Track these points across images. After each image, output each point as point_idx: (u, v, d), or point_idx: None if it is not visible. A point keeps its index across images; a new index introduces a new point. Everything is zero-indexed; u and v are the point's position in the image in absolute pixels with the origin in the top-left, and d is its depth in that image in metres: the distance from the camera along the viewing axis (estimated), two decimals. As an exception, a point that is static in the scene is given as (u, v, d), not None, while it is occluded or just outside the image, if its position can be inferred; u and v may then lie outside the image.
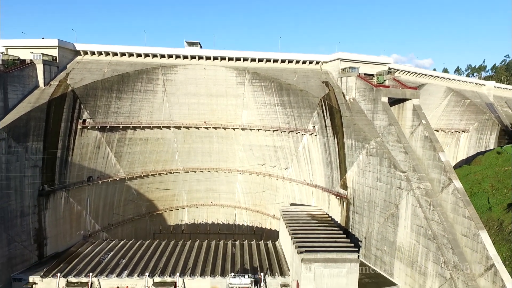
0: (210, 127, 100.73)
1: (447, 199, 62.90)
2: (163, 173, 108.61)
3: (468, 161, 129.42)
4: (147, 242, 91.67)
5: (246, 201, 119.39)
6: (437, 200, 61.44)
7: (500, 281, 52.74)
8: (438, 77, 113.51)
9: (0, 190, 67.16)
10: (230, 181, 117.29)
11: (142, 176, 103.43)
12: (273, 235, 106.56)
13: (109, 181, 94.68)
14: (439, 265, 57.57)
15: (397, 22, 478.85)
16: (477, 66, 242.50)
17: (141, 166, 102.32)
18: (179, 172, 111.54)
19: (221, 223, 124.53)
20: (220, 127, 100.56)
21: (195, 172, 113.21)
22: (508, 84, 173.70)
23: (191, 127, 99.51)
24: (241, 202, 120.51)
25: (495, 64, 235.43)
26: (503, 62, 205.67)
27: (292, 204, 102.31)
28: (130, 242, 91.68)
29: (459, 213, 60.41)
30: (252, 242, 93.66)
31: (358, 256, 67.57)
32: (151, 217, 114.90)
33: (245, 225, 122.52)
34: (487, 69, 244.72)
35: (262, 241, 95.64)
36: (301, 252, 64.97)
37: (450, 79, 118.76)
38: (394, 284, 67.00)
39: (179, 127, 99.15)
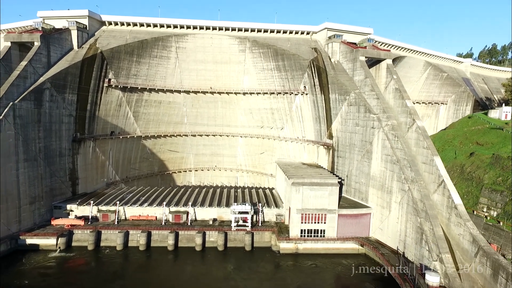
0: (215, 93, 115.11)
1: (412, 136, 77.43)
2: (174, 135, 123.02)
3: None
4: (161, 188, 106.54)
5: (247, 163, 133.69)
6: (401, 133, 75.99)
7: (447, 192, 67.54)
8: (417, 51, 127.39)
9: (45, 130, 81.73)
10: (232, 145, 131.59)
11: (155, 136, 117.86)
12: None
13: (128, 137, 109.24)
14: (400, 182, 72.04)
15: (392, 17, 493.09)
16: (464, 54, 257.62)
17: (155, 127, 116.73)
18: (187, 135, 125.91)
19: (224, 185, 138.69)
20: (224, 93, 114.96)
21: (201, 135, 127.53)
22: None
23: (199, 92, 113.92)
24: (242, 164, 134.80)
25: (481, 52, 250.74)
26: (486, 47, 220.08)
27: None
28: (147, 187, 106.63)
29: (420, 145, 74.93)
30: (252, 189, 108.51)
31: (340, 182, 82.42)
32: (162, 176, 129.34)
33: (246, 186, 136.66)
34: (474, 56, 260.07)
35: (260, 188, 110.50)
36: (291, 178, 79.74)
37: (428, 54, 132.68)
38: (368, 207, 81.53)
39: (188, 92, 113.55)
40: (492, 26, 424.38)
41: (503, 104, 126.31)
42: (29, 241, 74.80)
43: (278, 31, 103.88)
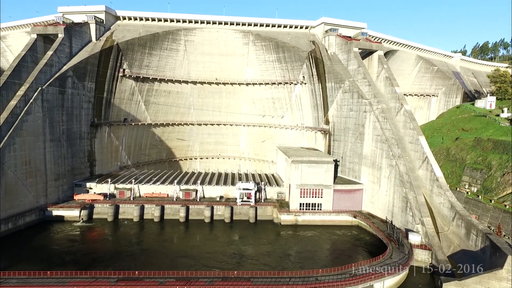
0: (220, 84, 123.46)
1: (400, 119, 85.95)
2: (181, 124, 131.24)
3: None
4: (171, 171, 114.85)
5: (249, 151, 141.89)
6: (390, 115, 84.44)
7: (430, 166, 75.99)
8: (408, 45, 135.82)
9: (67, 114, 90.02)
10: (235, 134, 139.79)
11: (164, 124, 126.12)
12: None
13: (139, 124, 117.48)
14: (389, 158, 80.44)
15: (389, 16, 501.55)
16: (457, 51, 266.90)
17: (163, 116, 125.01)
18: (193, 124, 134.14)
19: (228, 173, 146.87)
20: (228, 83, 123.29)
21: (206, 125, 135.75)
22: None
23: (205, 82, 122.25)
24: (245, 152, 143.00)
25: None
26: (478, 44, 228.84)
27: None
28: (157, 170, 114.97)
29: (407, 127, 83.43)
30: (254, 173, 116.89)
31: (334, 160, 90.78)
32: (170, 163, 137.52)
33: (248, 173, 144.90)
34: (467, 53, 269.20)
35: (263, 173, 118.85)
36: (291, 157, 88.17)
37: (419, 48, 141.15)
38: (360, 183, 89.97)
39: (195, 83, 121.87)
40: (488, 25, 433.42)
41: (488, 95, 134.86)
42: (55, 212, 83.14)
43: (279, 26, 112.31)
